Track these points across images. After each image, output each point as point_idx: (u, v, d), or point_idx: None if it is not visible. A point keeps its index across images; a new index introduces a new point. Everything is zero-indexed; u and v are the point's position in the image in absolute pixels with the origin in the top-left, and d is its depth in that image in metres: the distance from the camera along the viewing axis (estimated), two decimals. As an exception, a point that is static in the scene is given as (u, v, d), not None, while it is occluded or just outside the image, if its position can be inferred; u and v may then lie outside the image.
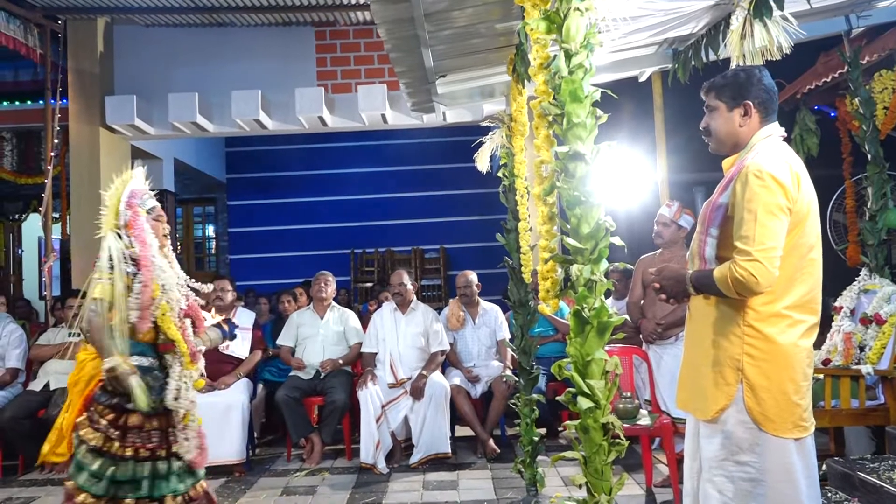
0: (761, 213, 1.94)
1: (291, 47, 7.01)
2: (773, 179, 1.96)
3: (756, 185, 1.96)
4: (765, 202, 1.95)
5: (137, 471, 2.76)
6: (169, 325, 2.85)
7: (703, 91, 2.24)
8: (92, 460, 2.73)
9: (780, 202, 1.96)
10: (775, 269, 1.94)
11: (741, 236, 1.96)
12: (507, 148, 4.14)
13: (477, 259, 9.22)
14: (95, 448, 2.74)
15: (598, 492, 2.21)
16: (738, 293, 1.96)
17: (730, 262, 1.97)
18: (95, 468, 2.72)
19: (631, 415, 3.82)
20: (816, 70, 5.61)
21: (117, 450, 2.75)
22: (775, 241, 1.94)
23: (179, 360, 2.87)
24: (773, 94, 2.15)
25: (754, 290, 1.94)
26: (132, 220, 2.94)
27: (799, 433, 2.01)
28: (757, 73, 2.16)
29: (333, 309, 5.52)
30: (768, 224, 1.94)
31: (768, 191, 1.95)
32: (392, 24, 3.47)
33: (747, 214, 1.96)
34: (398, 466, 4.85)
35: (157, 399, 2.80)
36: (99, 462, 2.72)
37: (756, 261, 1.91)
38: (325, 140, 10.35)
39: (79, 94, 6.74)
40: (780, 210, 1.96)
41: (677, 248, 4.16)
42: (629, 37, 3.90)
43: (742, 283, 1.92)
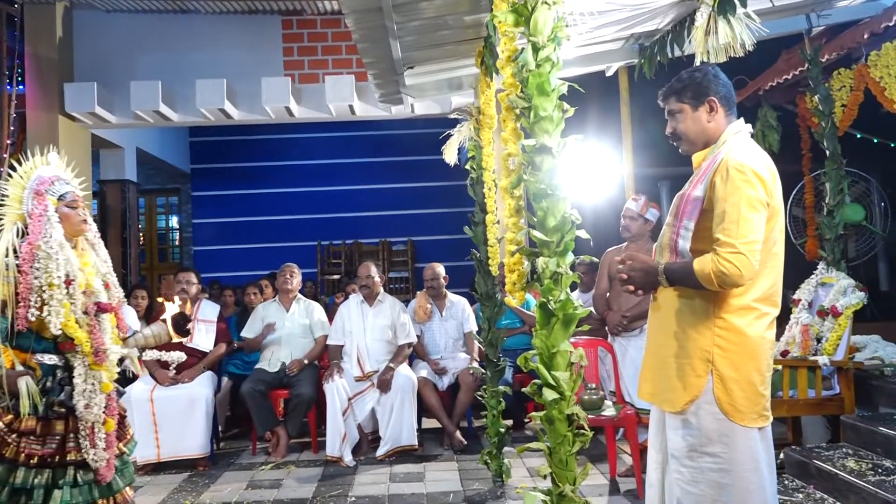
0: (744, 206, 1.97)
1: (258, 36, 6.91)
2: (754, 174, 1.99)
3: (739, 180, 1.99)
4: (747, 196, 1.98)
5: (31, 479, 2.50)
6: (68, 321, 2.57)
7: (661, 98, 2.26)
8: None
9: (760, 196, 1.99)
10: (757, 262, 1.96)
11: (724, 229, 1.97)
12: (475, 140, 4.14)
13: (444, 251, 9.22)
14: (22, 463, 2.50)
15: (562, 482, 2.23)
16: (720, 286, 1.97)
17: (711, 255, 1.98)
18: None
19: (595, 406, 3.86)
20: (778, 67, 5.71)
21: (13, 454, 2.51)
22: (757, 235, 1.97)
23: (83, 360, 2.61)
24: (730, 89, 2.20)
25: (737, 283, 1.96)
26: (33, 210, 2.69)
27: (762, 422, 2.05)
28: (711, 70, 2.20)
29: (299, 301, 5.48)
30: (750, 217, 1.97)
31: (750, 185, 1.98)
32: (360, 14, 3.44)
33: (730, 208, 1.98)
34: (365, 459, 4.85)
35: (58, 401, 2.57)
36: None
37: (740, 253, 1.94)
38: (291, 131, 10.25)
39: (36, 80, 6.55)
40: (761, 204, 1.99)
41: (643, 241, 4.21)
42: (596, 31, 3.93)
43: (726, 275, 1.94)
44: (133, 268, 8.51)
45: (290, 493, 4.20)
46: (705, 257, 2.00)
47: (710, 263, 1.97)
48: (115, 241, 8.30)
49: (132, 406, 4.67)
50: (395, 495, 4.08)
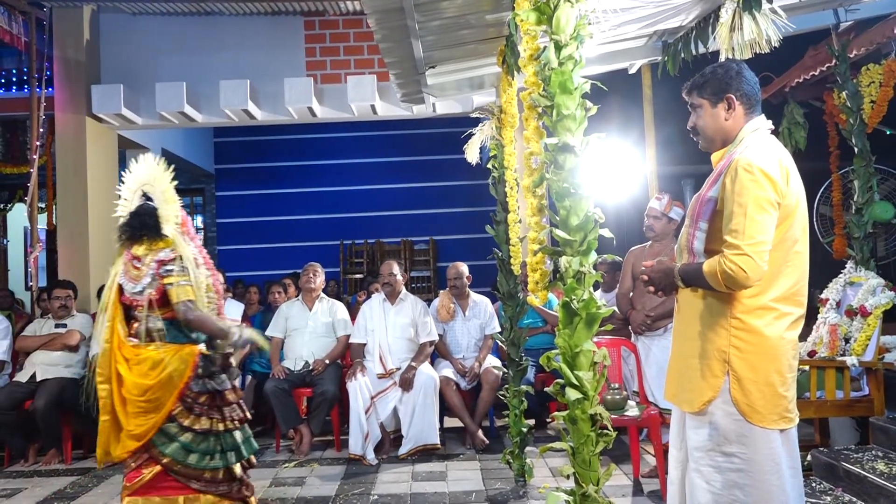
0: (751, 207, 1.96)
1: (280, 37, 6.96)
2: (762, 174, 1.97)
3: (746, 180, 1.97)
4: (755, 196, 1.96)
5: (238, 438, 3.16)
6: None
7: (685, 91, 2.25)
8: (199, 442, 3.05)
9: (769, 196, 1.97)
10: (764, 263, 1.95)
11: (731, 230, 1.97)
12: (497, 139, 4.13)
13: (466, 250, 9.22)
14: (203, 431, 3.05)
15: (585, 482, 2.22)
16: (727, 287, 1.97)
17: (719, 256, 1.98)
18: (203, 447, 3.06)
19: (619, 406, 3.84)
20: (805, 63, 5.62)
21: (221, 426, 3.11)
22: (764, 236, 1.96)
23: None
24: (754, 86, 2.17)
25: (743, 284, 1.95)
26: (184, 219, 3.19)
27: (784, 424, 2.03)
28: (735, 66, 2.18)
29: (322, 300, 5.51)
30: (758, 218, 1.95)
31: (758, 185, 1.97)
32: (382, 14, 3.45)
33: (737, 208, 1.97)
34: (387, 458, 4.86)
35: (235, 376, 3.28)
36: (205, 443, 3.07)
37: (745, 255, 1.93)
38: (314, 130, 10.30)
39: (65, 82, 6.66)
40: (770, 204, 1.97)
41: (668, 240, 4.17)
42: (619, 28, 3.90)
43: (731, 276, 1.94)
44: (158, 267, 8.60)
45: (314, 490, 4.23)
46: (713, 259, 2.00)
47: (716, 265, 1.97)
48: (142, 241, 8.40)
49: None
50: (418, 494, 4.09)
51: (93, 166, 6.71)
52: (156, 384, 2.99)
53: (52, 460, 5.07)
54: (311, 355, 5.29)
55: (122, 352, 3.04)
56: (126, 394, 3.01)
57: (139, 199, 3.20)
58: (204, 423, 3.06)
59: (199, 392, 3.07)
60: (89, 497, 4.27)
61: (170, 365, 3.01)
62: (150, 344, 3.05)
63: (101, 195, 6.85)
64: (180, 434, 3.02)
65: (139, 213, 3.15)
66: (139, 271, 3.06)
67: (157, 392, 2.99)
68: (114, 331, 3.07)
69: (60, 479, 4.69)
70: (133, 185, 3.23)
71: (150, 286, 3.04)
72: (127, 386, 3.01)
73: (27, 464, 5.06)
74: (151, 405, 2.99)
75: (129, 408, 3.01)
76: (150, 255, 3.06)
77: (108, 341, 3.06)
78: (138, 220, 3.13)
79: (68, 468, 4.95)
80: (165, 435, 3.01)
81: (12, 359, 5.41)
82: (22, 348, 5.37)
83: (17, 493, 4.39)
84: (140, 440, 2.99)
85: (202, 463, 3.03)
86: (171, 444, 3.00)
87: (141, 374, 3.00)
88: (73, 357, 5.31)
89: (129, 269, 3.09)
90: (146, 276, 3.04)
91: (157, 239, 3.09)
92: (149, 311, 3.04)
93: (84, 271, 6.54)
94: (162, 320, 3.08)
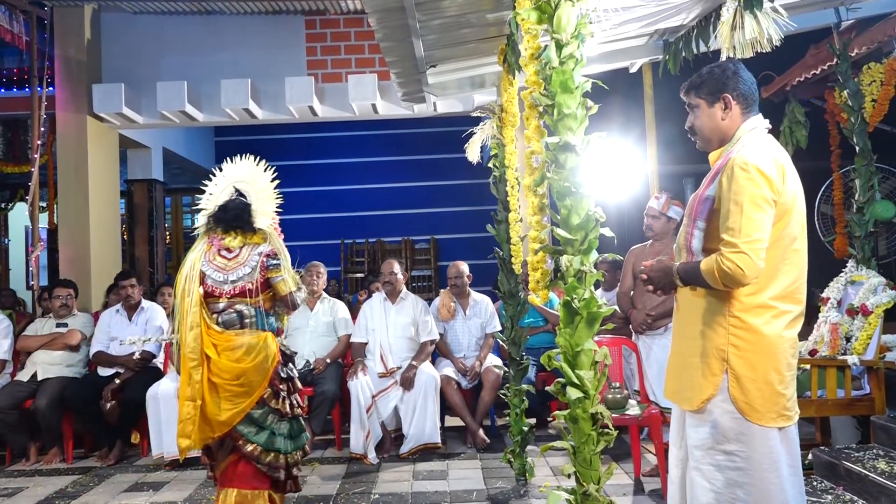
0: (747, 205, 1.97)
1: (281, 36, 6.96)
2: (758, 172, 1.98)
3: (742, 178, 1.98)
4: (751, 195, 1.97)
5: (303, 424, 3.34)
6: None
7: (683, 91, 2.26)
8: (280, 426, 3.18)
9: (765, 195, 1.98)
10: (761, 261, 1.96)
11: (728, 228, 1.98)
12: (498, 138, 4.13)
13: (467, 249, 9.23)
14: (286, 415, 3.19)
15: (586, 481, 2.22)
16: (725, 285, 1.98)
17: (716, 255, 1.99)
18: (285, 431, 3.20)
19: (620, 405, 3.84)
20: (806, 62, 5.62)
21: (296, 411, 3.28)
22: (761, 234, 1.97)
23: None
24: (751, 86, 2.17)
25: (741, 282, 1.96)
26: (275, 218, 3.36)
27: (783, 422, 2.04)
28: (731, 66, 2.19)
29: (324, 300, 5.51)
30: (754, 216, 1.96)
31: (754, 183, 1.97)
32: (383, 14, 3.45)
33: (734, 207, 1.98)
34: (388, 457, 4.87)
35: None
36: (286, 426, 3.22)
37: (742, 253, 1.93)
38: (315, 130, 10.31)
39: (66, 81, 6.67)
40: (766, 202, 1.98)
41: (668, 239, 4.17)
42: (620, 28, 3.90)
43: (729, 274, 1.95)
44: (160, 266, 8.63)
45: (315, 489, 4.23)
46: (711, 257, 2.01)
47: (714, 263, 1.98)
48: (143, 240, 8.42)
49: (159, 403, 4.75)
50: (419, 493, 4.09)
51: (94, 165, 6.71)
52: (251, 368, 3.11)
53: (53, 459, 5.08)
54: (312, 354, 5.29)
55: (210, 337, 3.14)
56: (215, 378, 3.10)
57: (229, 194, 3.35)
58: (286, 408, 3.20)
59: (282, 379, 3.24)
60: (90, 496, 4.28)
61: (263, 350, 3.16)
62: (242, 330, 3.18)
63: (103, 194, 6.86)
64: (267, 419, 3.15)
65: (232, 206, 3.30)
66: (230, 262, 3.22)
67: (252, 376, 3.11)
68: (202, 316, 3.16)
69: (62, 478, 4.69)
70: (226, 181, 3.39)
71: (249, 277, 3.19)
72: (217, 370, 3.11)
73: (28, 463, 5.06)
74: (243, 389, 3.11)
75: (219, 393, 3.10)
76: (247, 248, 3.25)
77: (197, 325, 3.14)
78: (232, 213, 3.28)
79: (69, 467, 4.96)
80: (253, 422, 3.12)
81: (14, 358, 5.42)
82: (23, 348, 5.37)
83: (19, 493, 4.39)
84: (228, 426, 3.09)
85: (284, 447, 3.17)
86: (262, 431, 3.12)
87: (234, 358, 3.12)
88: (74, 356, 5.31)
89: (214, 259, 3.23)
90: (245, 266, 3.21)
91: (250, 233, 3.27)
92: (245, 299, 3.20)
93: (85, 270, 6.54)
94: (254, 308, 3.23)
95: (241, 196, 3.33)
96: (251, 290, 3.18)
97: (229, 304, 3.19)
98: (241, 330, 3.18)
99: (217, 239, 3.28)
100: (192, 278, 3.21)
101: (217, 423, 3.08)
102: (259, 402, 3.13)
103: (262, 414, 3.15)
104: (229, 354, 3.12)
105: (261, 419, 3.14)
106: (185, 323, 3.14)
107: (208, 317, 3.18)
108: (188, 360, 3.11)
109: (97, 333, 5.33)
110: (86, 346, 5.37)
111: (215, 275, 3.21)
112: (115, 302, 5.63)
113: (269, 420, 3.16)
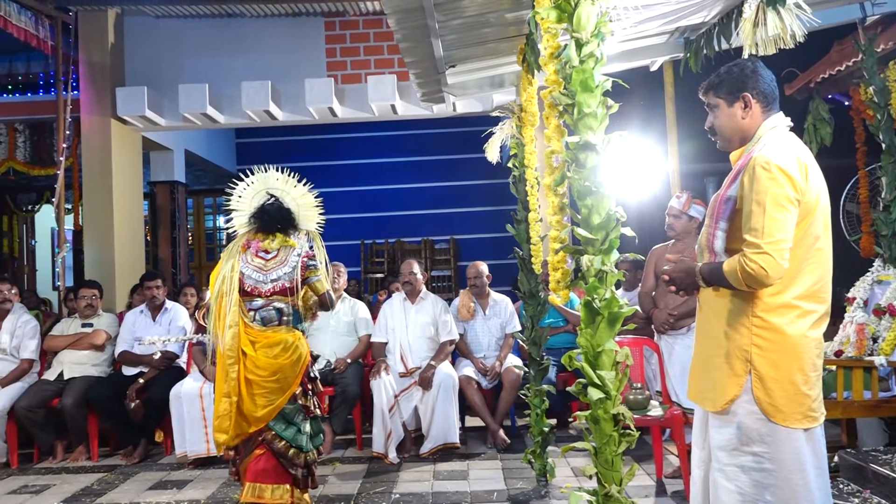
0: (770, 205, 1.94)
1: (301, 38, 7.00)
2: (780, 171, 1.96)
3: (764, 178, 1.96)
4: (773, 194, 1.95)
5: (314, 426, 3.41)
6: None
7: (702, 92, 2.24)
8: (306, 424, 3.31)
9: (788, 194, 1.95)
10: (785, 261, 1.94)
11: (750, 229, 1.96)
12: (518, 138, 4.12)
13: (487, 249, 9.22)
14: (312, 413, 3.32)
15: (608, 482, 2.21)
16: (748, 285, 1.96)
17: (739, 255, 1.97)
18: (309, 429, 3.32)
19: (641, 406, 3.81)
20: (830, 58, 5.53)
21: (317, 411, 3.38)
22: (784, 233, 1.94)
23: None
24: (771, 84, 2.15)
25: (764, 283, 1.94)
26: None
27: (808, 423, 2.01)
28: (750, 64, 2.17)
29: (344, 300, 5.53)
30: (777, 216, 1.94)
31: (776, 183, 1.95)
32: (402, 14, 3.46)
33: (756, 207, 1.96)
34: (408, 456, 4.88)
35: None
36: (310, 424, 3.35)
37: (766, 253, 1.91)
38: (335, 131, 10.35)
39: (90, 85, 6.77)
40: (789, 202, 1.96)
41: (690, 238, 4.13)
42: (640, 25, 3.87)
43: (752, 275, 1.93)
44: (182, 267, 8.73)
45: (336, 489, 4.25)
46: (734, 258, 1.99)
47: (737, 264, 1.96)
48: (165, 241, 8.52)
49: (182, 402, 4.80)
50: (439, 493, 4.09)
51: (118, 167, 6.81)
52: (287, 364, 3.21)
53: (79, 457, 5.16)
54: (332, 354, 5.31)
55: (248, 335, 3.22)
56: (251, 375, 3.18)
57: (262, 198, 3.50)
58: (313, 405, 3.31)
59: (310, 378, 3.35)
60: (115, 493, 4.33)
61: (300, 347, 3.28)
62: (279, 327, 3.29)
63: (126, 196, 6.95)
64: (297, 416, 3.25)
65: (274, 210, 3.45)
66: (269, 262, 3.34)
67: (287, 372, 3.22)
68: (239, 315, 3.24)
69: (87, 475, 4.77)
70: (258, 186, 3.54)
71: (288, 276, 3.32)
72: (254, 367, 3.19)
73: (55, 460, 5.15)
74: (278, 385, 3.21)
75: (254, 389, 3.19)
76: (284, 250, 3.40)
77: (236, 324, 3.22)
78: (274, 216, 3.43)
79: (95, 465, 5.03)
80: (283, 418, 3.21)
81: (41, 357, 5.51)
82: (50, 347, 5.46)
83: (46, 490, 4.46)
84: (264, 422, 3.19)
85: (308, 445, 3.27)
86: (290, 427, 3.21)
87: (273, 355, 3.21)
88: (99, 356, 5.39)
89: (252, 260, 3.35)
90: (285, 266, 3.35)
91: (289, 235, 3.44)
92: (284, 298, 3.32)
93: (110, 271, 6.63)
94: (291, 307, 3.35)
95: (277, 200, 3.47)
96: (290, 288, 3.30)
97: (267, 302, 3.29)
98: (278, 327, 3.29)
99: (255, 241, 3.41)
100: (231, 279, 3.28)
101: (254, 418, 3.17)
102: (291, 398, 3.22)
103: (292, 410, 3.22)
104: (267, 351, 3.21)
105: (291, 415, 3.22)
106: (221, 322, 3.21)
107: (244, 314, 3.26)
108: (226, 357, 3.18)
109: (122, 333, 5.40)
110: (110, 346, 5.45)
111: (255, 275, 3.32)
112: (139, 302, 5.70)
113: (297, 417, 3.24)
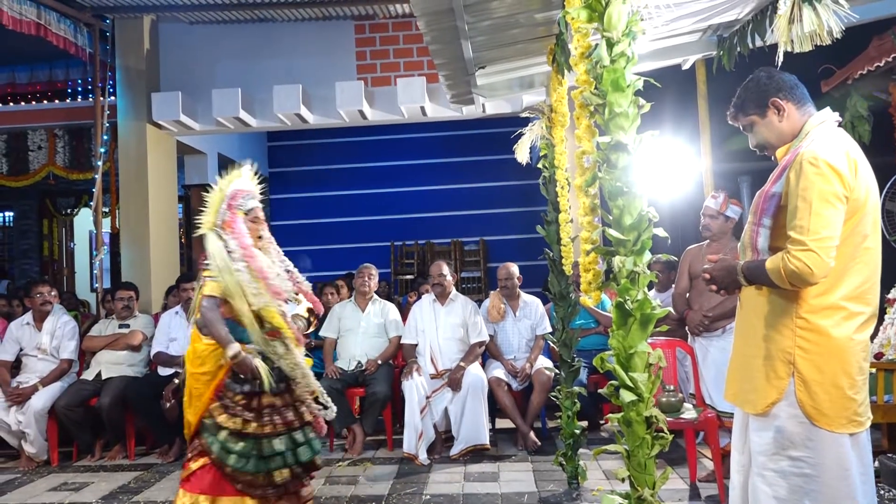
0: (816, 201, 1.90)
1: (331, 41, 7.06)
2: (828, 167, 1.91)
3: (811, 173, 1.91)
4: (820, 190, 1.90)
5: (277, 445, 3.00)
6: (273, 315, 3.04)
7: (730, 118, 2.26)
8: (235, 442, 2.98)
9: (835, 190, 1.91)
10: (831, 260, 1.88)
11: (796, 226, 1.91)
12: (548, 139, 4.11)
13: (517, 251, 9.18)
14: (236, 431, 2.99)
15: (641, 486, 2.18)
16: (792, 284, 1.91)
17: (783, 253, 1.92)
18: (240, 449, 2.97)
19: (675, 408, 3.76)
20: (868, 54, 5.41)
21: (256, 429, 3.00)
22: (831, 231, 1.89)
23: (285, 343, 3.07)
24: (791, 82, 2.14)
25: (809, 281, 1.89)
26: (229, 221, 3.15)
27: (854, 428, 1.96)
28: (763, 74, 2.18)
29: (375, 302, 5.56)
30: (823, 213, 1.89)
31: (824, 179, 1.90)
32: (431, 16, 3.47)
33: (802, 203, 1.91)
34: (439, 458, 4.88)
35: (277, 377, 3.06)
36: (242, 444, 2.98)
37: (811, 251, 1.87)
38: (365, 133, 10.41)
39: (127, 91, 6.91)
40: (836, 198, 1.91)
41: (726, 239, 4.07)
42: (672, 24, 3.83)
43: (796, 273, 1.88)
44: (216, 269, 8.82)
45: (367, 489, 4.28)
46: (777, 255, 1.94)
47: (780, 262, 1.91)
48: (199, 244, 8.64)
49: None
50: (470, 494, 4.09)
51: (153, 171, 6.93)
52: (197, 373, 3.12)
53: (116, 455, 5.26)
54: (363, 355, 5.35)
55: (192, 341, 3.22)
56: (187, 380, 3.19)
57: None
58: (236, 424, 3.00)
59: (235, 393, 3.06)
60: (152, 492, 4.41)
61: (207, 361, 3.09)
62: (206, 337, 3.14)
63: (162, 199, 7.07)
64: (216, 431, 3.01)
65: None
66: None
67: (197, 383, 3.12)
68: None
69: (125, 473, 4.86)
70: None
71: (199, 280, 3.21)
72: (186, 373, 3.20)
73: (93, 459, 5.26)
74: (195, 393, 3.12)
75: (186, 393, 3.19)
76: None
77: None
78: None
79: (132, 463, 5.13)
80: (208, 430, 3.05)
81: (79, 358, 5.64)
82: (88, 348, 5.59)
83: (85, 487, 4.56)
84: (189, 427, 3.14)
85: (238, 465, 2.97)
86: (216, 441, 3.00)
87: (191, 363, 3.16)
88: (135, 356, 5.50)
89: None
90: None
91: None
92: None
93: (146, 273, 6.75)
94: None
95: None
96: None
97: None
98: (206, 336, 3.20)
99: None
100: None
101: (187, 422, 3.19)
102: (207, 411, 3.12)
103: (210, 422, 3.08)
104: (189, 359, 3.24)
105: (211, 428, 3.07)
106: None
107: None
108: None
109: (157, 334, 5.50)
110: (146, 347, 5.55)
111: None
112: (174, 304, 5.80)
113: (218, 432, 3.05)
